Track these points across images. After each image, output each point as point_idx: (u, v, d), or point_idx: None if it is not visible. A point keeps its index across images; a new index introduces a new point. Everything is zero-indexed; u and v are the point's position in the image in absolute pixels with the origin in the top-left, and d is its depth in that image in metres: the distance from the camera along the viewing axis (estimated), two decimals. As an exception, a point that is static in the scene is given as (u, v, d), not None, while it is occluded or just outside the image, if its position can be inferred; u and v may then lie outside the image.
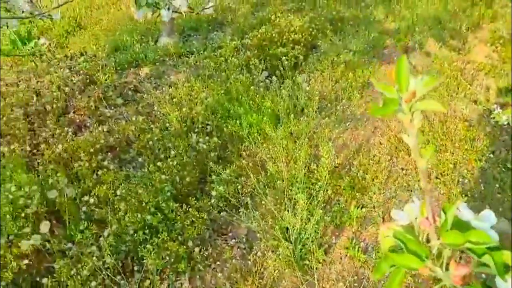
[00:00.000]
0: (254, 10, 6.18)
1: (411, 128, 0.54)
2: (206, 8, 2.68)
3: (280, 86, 4.16)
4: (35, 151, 3.71)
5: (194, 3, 4.95)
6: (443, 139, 3.57)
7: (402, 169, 3.41)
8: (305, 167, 3.14)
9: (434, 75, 3.86)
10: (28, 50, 5.29)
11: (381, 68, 4.76)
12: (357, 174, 3.28)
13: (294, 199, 2.90)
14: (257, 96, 3.98)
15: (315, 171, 3.15)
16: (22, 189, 3.05)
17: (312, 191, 3.01)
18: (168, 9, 2.01)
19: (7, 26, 2.88)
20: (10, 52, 5.12)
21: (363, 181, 3.22)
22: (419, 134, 0.57)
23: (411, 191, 3.20)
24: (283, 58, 4.54)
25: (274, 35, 4.95)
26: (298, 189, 3.00)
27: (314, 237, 2.73)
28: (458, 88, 4.26)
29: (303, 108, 3.95)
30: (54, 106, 4.12)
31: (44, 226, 2.77)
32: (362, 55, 4.91)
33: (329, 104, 4.10)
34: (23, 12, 3.20)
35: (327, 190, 3.01)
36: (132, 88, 4.55)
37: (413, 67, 4.68)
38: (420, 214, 0.60)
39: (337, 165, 3.36)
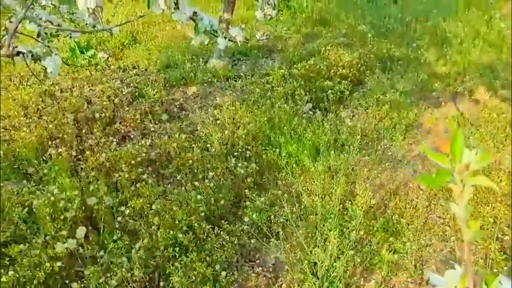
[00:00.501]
0: (305, 41, 6.26)
1: (461, 198, 0.55)
2: (261, 40, 2.77)
3: (323, 119, 4.18)
4: (80, 156, 3.85)
5: (249, 32, 5.08)
6: (485, 191, 3.47)
7: (440, 217, 3.33)
8: (340, 203, 3.12)
9: (489, 152, 3.79)
10: (86, 58, 5.54)
11: (427, 111, 4.70)
12: (392, 216, 3.22)
13: (326, 234, 2.87)
14: (299, 126, 4.00)
15: (350, 209, 3.13)
16: (64, 192, 3.17)
17: (344, 229, 2.98)
18: (225, 37, 2.07)
19: (70, 37, 3.03)
20: (69, 59, 5.37)
21: (398, 225, 3.16)
22: (469, 206, 0.57)
23: (447, 241, 3.11)
24: (329, 91, 4.57)
25: (322, 67, 5.00)
26: (330, 225, 2.97)
27: (342, 276, 2.69)
28: (505, 140, 4.15)
29: (343, 143, 3.95)
30: (103, 115, 4.28)
31: (80, 231, 2.85)
32: (409, 96, 4.87)
33: (370, 142, 4.08)
34: (86, 24, 3.37)
35: (360, 230, 2.98)
36: (178, 106, 4.67)
37: (461, 114, 4.60)
38: (461, 284, 0.60)
39: (372, 205, 3.32)
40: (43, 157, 3.73)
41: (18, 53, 2.59)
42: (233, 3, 5.07)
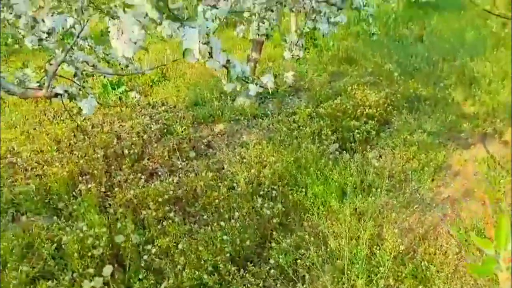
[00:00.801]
0: (331, 79, 6.31)
1: (506, 285, 0.55)
2: (289, 82, 2.78)
3: (350, 160, 4.16)
4: (108, 192, 3.92)
5: (276, 71, 5.15)
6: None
7: (471, 264, 3.23)
8: (367, 248, 3.07)
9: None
10: (117, 94, 5.70)
11: (455, 152, 4.64)
12: (421, 262, 3.15)
13: (353, 280, 2.82)
14: (326, 167, 3.99)
15: (377, 254, 3.07)
16: (92, 229, 3.22)
17: (372, 275, 2.92)
18: (256, 84, 2.12)
19: (104, 76, 3.14)
20: (101, 95, 5.53)
21: (427, 272, 3.08)
22: None
23: (479, 291, 3.01)
24: (356, 131, 4.57)
25: (348, 107, 5.01)
26: (358, 270, 2.92)
27: (369, 325, 2.62)
28: (538, 185, 4.04)
29: (370, 184, 3.91)
30: (132, 151, 4.37)
31: (107, 270, 2.87)
32: (437, 136, 4.83)
33: (397, 184, 4.03)
34: (119, 64, 3.49)
35: (388, 277, 2.91)
36: (205, 143, 4.73)
37: (490, 156, 4.52)
38: None
39: (401, 250, 3.25)
40: (73, 192, 3.81)
41: (56, 94, 2.69)
42: (261, 43, 5.18)
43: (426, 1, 9.51)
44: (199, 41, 1.75)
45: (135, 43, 1.96)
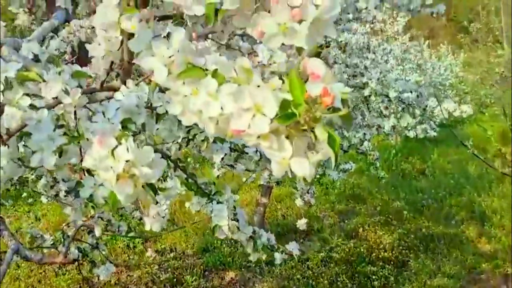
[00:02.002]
0: (340, 219, 6.27)
1: None
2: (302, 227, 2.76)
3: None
4: None
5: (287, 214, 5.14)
6: None
7: None
8: None
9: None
10: (124, 241, 5.60)
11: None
12: None
13: None
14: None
15: None
16: None
17: None
18: (282, 252, 2.08)
19: (119, 232, 3.11)
20: (108, 242, 5.44)
21: None
22: None
23: None
24: (373, 277, 4.40)
25: (362, 250, 4.90)
26: None
27: None
28: None
29: None
30: (140, 306, 4.15)
31: None
32: (457, 280, 4.64)
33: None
34: (133, 218, 3.48)
35: None
36: (216, 294, 4.53)
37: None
38: None
39: None
40: None
41: (74, 260, 2.62)
42: (271, 188, 5.24)
43: (424, 136, 9.87)
44: (228, 217, 1.75)
45: (163, 217, 1.96)
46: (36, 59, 1.48)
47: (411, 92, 4.09)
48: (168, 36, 0.68)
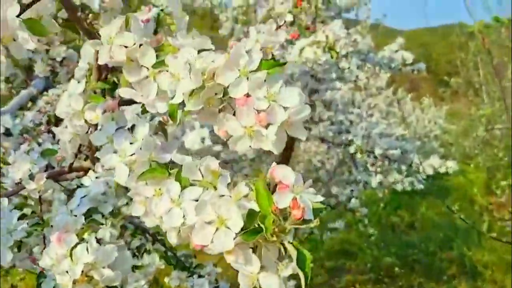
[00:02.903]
0: (330, 277, 6.10)
1: None
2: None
3: None
4: None
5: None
6: None
7: None
8: None
9: None
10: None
11: None
12: None
13: None
14: None
15: None
16: None
17: None
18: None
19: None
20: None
21: None
22: None
23: None
24: None
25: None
26: None
27: None
28: None
29: None
30: None
31: None
32: None
33: None
34: None
35: None
36: None
37: None
38: None
39: None
40: None
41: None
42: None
43: (412, 189, 9.86)
44: (210, 291, 1.66)
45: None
46: (8, 132, 1.43)
47: (396, 148, 4.09)
48: (132, 128, 0.64)
